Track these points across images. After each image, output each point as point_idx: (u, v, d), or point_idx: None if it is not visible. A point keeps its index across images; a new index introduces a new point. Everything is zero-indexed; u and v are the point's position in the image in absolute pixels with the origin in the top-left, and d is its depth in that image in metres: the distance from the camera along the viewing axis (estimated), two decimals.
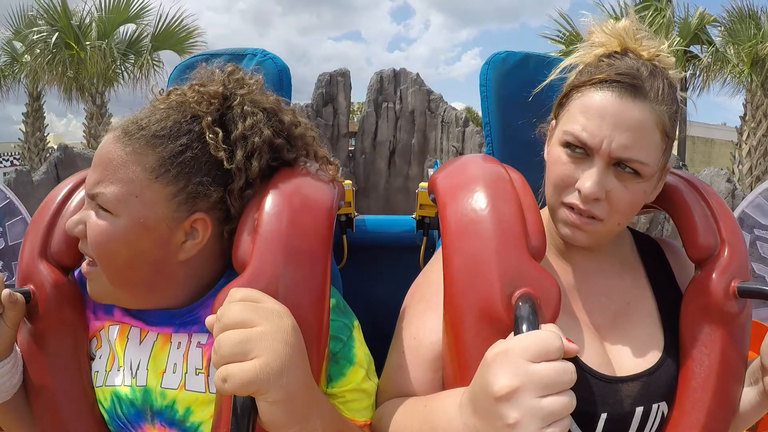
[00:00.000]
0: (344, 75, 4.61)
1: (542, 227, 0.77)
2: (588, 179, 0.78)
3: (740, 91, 9.22)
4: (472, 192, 0.79)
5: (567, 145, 0.81)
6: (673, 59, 0.85)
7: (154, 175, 0.75)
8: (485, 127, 1.07)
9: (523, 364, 0.57)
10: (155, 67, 9.73)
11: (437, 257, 0.89)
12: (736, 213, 2.68)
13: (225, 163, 0.77)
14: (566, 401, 0.56)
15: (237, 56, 1.06)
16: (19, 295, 0.79)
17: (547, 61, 1.04)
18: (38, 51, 8.93)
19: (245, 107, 0.81)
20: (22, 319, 0.84)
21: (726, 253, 0.83)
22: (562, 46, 9.49)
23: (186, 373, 0.81)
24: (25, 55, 9.47)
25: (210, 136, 0.77)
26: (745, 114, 9.04)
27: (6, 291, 0.77)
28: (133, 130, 0.76)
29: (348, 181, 1.33)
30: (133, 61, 9.66)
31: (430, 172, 1.04)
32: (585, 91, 0.82)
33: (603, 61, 0.84)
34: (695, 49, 9.69)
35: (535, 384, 0.56)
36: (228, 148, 0.78)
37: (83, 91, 9.40)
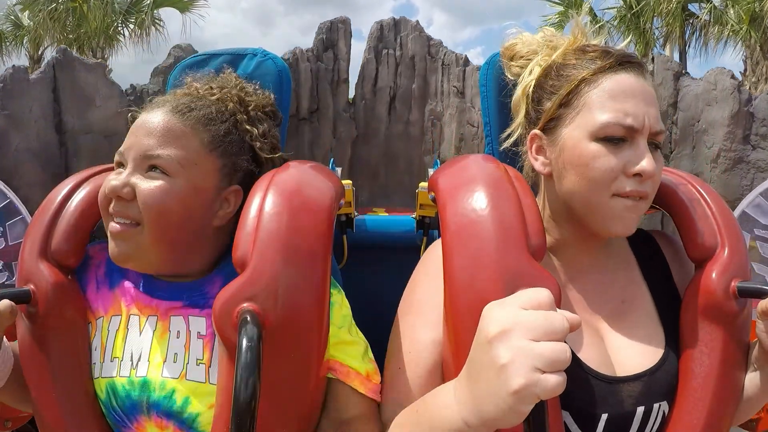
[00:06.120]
0: (344, 22, 4.56)
1: (542, 227, 0.77)
2: (641, 158, 0.78)
3: (741, 51, 9.38)
4: (472, 192, 0.79)
5: (604, 138, 0.79)
6: None
7: (209, 149, 0.86)
8: (485, 127, 1.07)
9: (515, 309, 0.59)
10: (156, 25, 9.85)
11: (423, 263, 0.89)
12: (736, 213, 2.68)
13: (260, 152, 0.93)
14: (560, 348, 0.55)
15: (237, 56, 1.06)
16: (12, 305, 0.77)
17: None
18: (41, 5, 8.99)
19: (258, 113, 0.97)
20: (22, 319, 0.84)
21: (726, 253, 0.83)
22: (561, 8, 10.11)
23: (188, 363, 0.82)
24: (27, 19, 9.52)
25: (248, 127, 0.93)
26: (745, 69, 9.17)
27: (7, 302, 0.76)
28: (184, 109, 0.86)
29: (348, 181, 1.33)
30: (134, 20, 9.76)
31: (431, 172, 1.04)
32: (599, 79, 0.81)
33: (590, 51, 0.84)
34: (693, 8, 9.92)
35: (525, 326, 0.56)
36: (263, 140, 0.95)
37: (83, 51, 9.32)
